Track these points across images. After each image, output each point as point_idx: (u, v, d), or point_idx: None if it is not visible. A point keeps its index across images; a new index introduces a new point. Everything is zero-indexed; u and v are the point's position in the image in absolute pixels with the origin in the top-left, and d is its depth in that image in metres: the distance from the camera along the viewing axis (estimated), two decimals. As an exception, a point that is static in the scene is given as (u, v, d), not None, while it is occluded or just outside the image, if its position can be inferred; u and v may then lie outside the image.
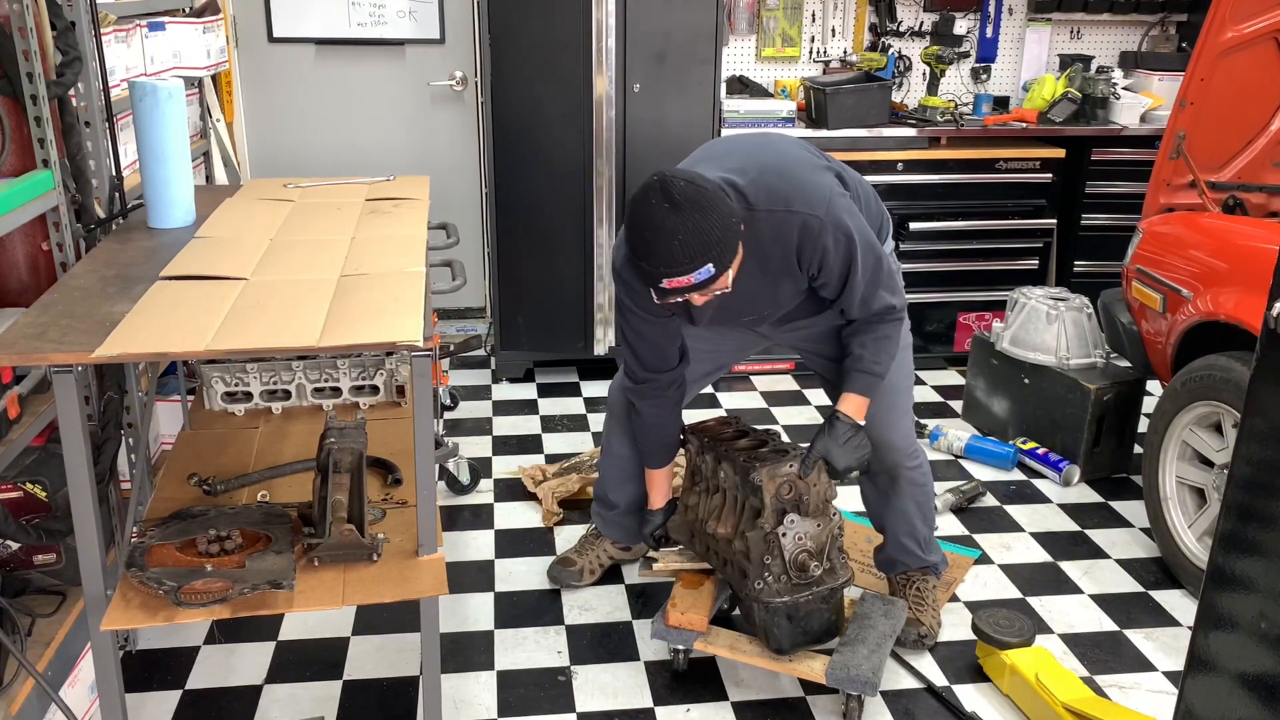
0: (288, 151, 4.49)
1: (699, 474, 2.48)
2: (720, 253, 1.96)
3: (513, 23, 3.72)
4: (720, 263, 1.97)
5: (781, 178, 2.15)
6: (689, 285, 1.97)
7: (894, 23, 4.50)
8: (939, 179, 4.13)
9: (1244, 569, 1.50)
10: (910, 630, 2.55)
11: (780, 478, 2.23)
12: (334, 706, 2.37)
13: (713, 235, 1.94)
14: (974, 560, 2.96)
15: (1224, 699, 1.54)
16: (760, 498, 2.23)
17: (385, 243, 2.24)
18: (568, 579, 2.80)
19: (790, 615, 2.25)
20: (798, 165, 2.21)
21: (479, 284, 4.57)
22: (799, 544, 2.22)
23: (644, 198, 1.96)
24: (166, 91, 2.29)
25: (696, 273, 1.95)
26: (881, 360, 2.29)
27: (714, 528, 2.37)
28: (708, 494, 2.45)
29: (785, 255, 2.16)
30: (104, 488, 2.19)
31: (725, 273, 2.01)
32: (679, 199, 1.92)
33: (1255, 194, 3.11)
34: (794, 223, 2.11)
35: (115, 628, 1.81)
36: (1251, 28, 2.93)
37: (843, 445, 2.25)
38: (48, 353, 1.64)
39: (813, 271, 2.19)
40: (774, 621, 2.26)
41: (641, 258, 1.98)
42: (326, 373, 2.66)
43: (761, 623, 2.29)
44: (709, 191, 1.96)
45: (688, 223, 1.92)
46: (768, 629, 2.28)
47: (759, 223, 2.10)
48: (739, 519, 2.32)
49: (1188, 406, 2.76)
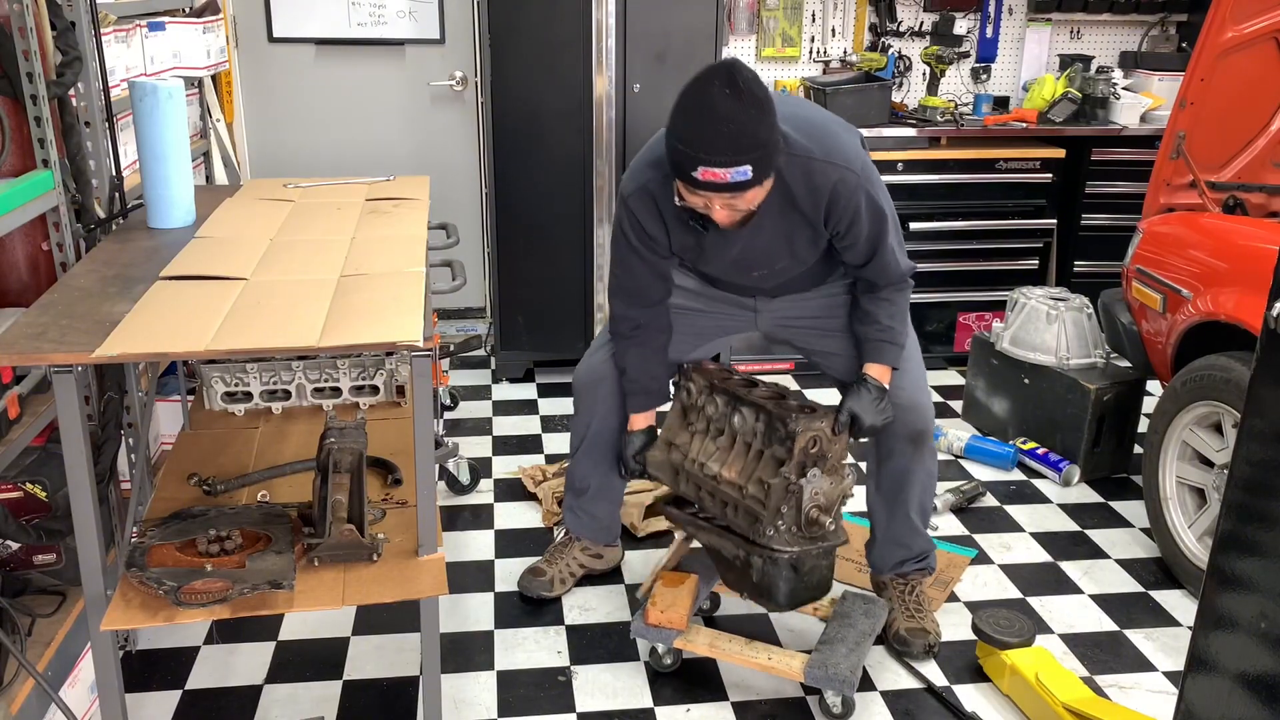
0: (288, 151, 4.49)
1: (695, 414, 2.42)
2: (763, 159, 1.92)
3: (513, 23, 3.72)
4: (759, 169, 1.92)
5: (823, 130, 2.14)
6: (723, 182, 1.91)
7: (894, 23, 4.50)
8: (939, 179, 4.13)
9: (1244, 569, 1.50)
10: (918, 641, 2.52)
11: (813, 431, 2.20)
12: (334, 706, 2.37)
13: (761, 136, 1.90)
14: (970, 560, 2.96)
15: (1224, 699, 1.54)
16: (790, 448, 2.18)
17: (385, 243, 2.24)
18: (538, 589, 2.75)
19: (796, 568, 2.21)
20: (834, 123, 2.22)
21: (479, 284, 4.57)
22: (814, 499, 2.19)
23: (707, 77, 1.90)
24: (166, 91, 2.29)
25: (735, 170, 1.89)
26: (905, 331, 2.34)
27: (716, 470, 2.31)
28: (707, 435, 2.38)
29: (814, 206, 2.13)
30: (104, 488, 2.19)
31: (759, 188, 1.97)
32: (743, 88, 1.87)
33: (1255, 194, 3.11)
34: (830, 175, 2.09)
35: (115, 628, 1.81)
36: (1251, 28, 2.93)
37: (871, 405, 2.27)
38: (48, 353, 1.64)
39: (839, 229, 2.17)
40: (779, 574, 2.20)
41: (683, 140, 1.91)
42: (326, 373, 2.66)
43: (763, 577, 2.23)
44: (770, 96, 1.92)
45: (744, 114, 1.87)
46: (771, 583, 2.22)
47: (795, 166, 2.07)
48: (753, 465, 2.27)
49: (1188, 406, 2.76)
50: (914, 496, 2.54)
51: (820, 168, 2.10)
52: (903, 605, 2.58)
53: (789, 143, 2.05)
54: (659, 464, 2.46)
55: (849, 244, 2.21)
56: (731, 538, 2.29)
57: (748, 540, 2.24)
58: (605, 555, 2.83)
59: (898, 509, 2.56)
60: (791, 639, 2.61)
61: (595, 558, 2.81)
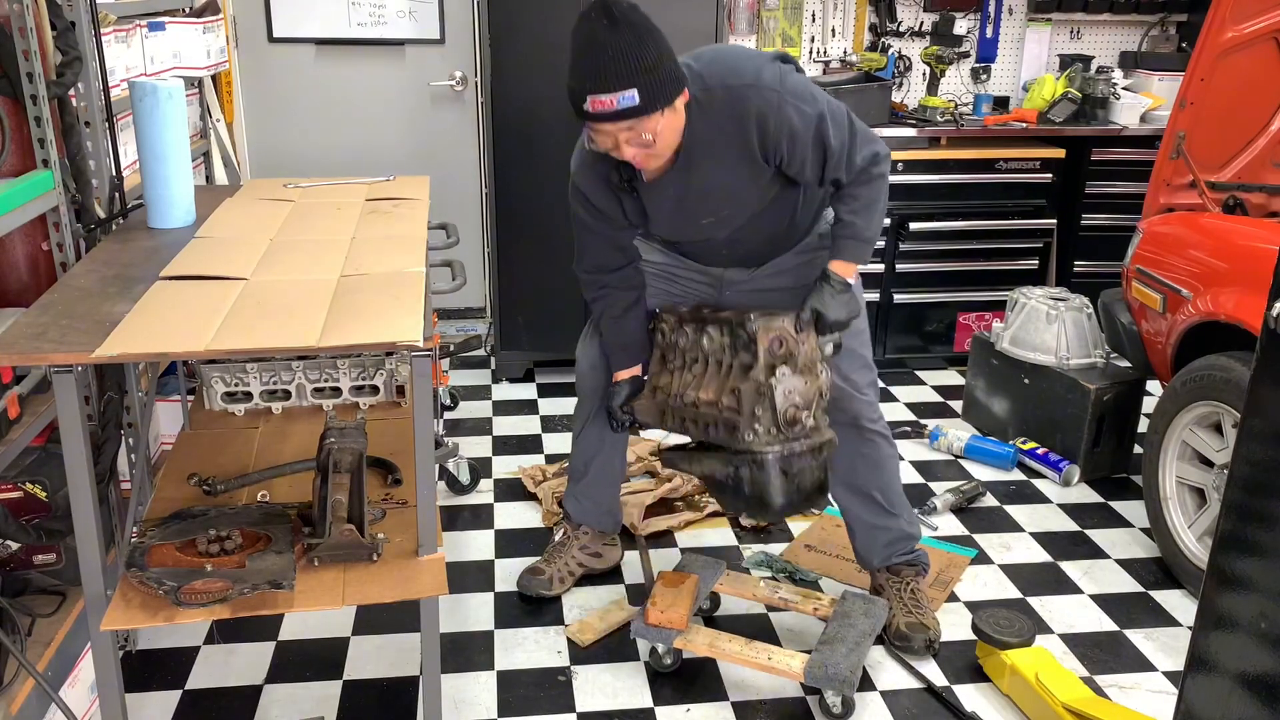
0: (288, 151, 4.49)
1: (672, 352, 2.40)
2: (650, 84, 1.94)
3: (513, 23, 3.72)
4: (647, 95, 1.94)
5: (735, 58, 2.16)
6: (611, 110, 1.94)
7: (894, 23, 4.50)
8: (939, 179, 4.13)
9: (1244, 569, 1.50)
10: (917, 636, 2.52)
11: (774, 330, 2.18)
12: (334, 706, 2.37)
13: (646, 61, 1.93)
14: (970, 559, 2.96)
15: (1224, 699, 1.54)
16: (754, 350, 2.17)
17: (385, 243, 2.24)
18: (537, 588, 2.75)
19: (785, 470, 2.16)
20: (749, 53, 2.23)
21: (479, 284, 4.57)
22: (789, 398, 2.15)
23: (585, 15, 1.96)
24: (166, 91, 2.29)
25: (621, 95, 1.93)
26: (873, 226, 2.28)
27: (694, 396, 2.28)
28: (684, 369, 2.36)
29: (744, 138, 2.13)
30: (104, 488, 2.19)
31: (656, 115, 1.98)
32: (618, 17, 1.92)
33: (1255, 194, 3.11)
34: (750, 99, 2.09)
35: (115, 628, 1.81)
36: (1251, 28, 2.94)
37: (834, 299, 2.24)
38: (48, 353, 1.64)
39: (781, 155, 2.15)
40: (767, 478, 2.15)
41: (573, 78, 1.96)
42: (326, 373, 2.66)
43: (754, 485, 2.17)
44: (653, 26, 1.96)
45: (622, 41, 1.92)
46: (762, 489, 2.16)
47: (715, 103, 2.09)
48: (725, 380, 2.24)
49: (1188, 406, 2.76)
50: (870, 482, 2.54)
51: (741, 94, 2.10)
52: (900, 602, 2.58)
53: (703, 79, 2.09)
54: (645, 409, 2.43)
55: (798, 166, 2.18)
56: (720, 456, 2.23)
57: (733, 453, 2.19)
58: (604, 554, 2.83)
59: (856, 496, 2.57)
60: (791, 639, 2.61)
61: (594, 556, 2.81)
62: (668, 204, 2.24)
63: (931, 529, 3.14)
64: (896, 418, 3.94)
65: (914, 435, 3.79)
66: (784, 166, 2.18)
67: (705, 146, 2.13)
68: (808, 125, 2.12)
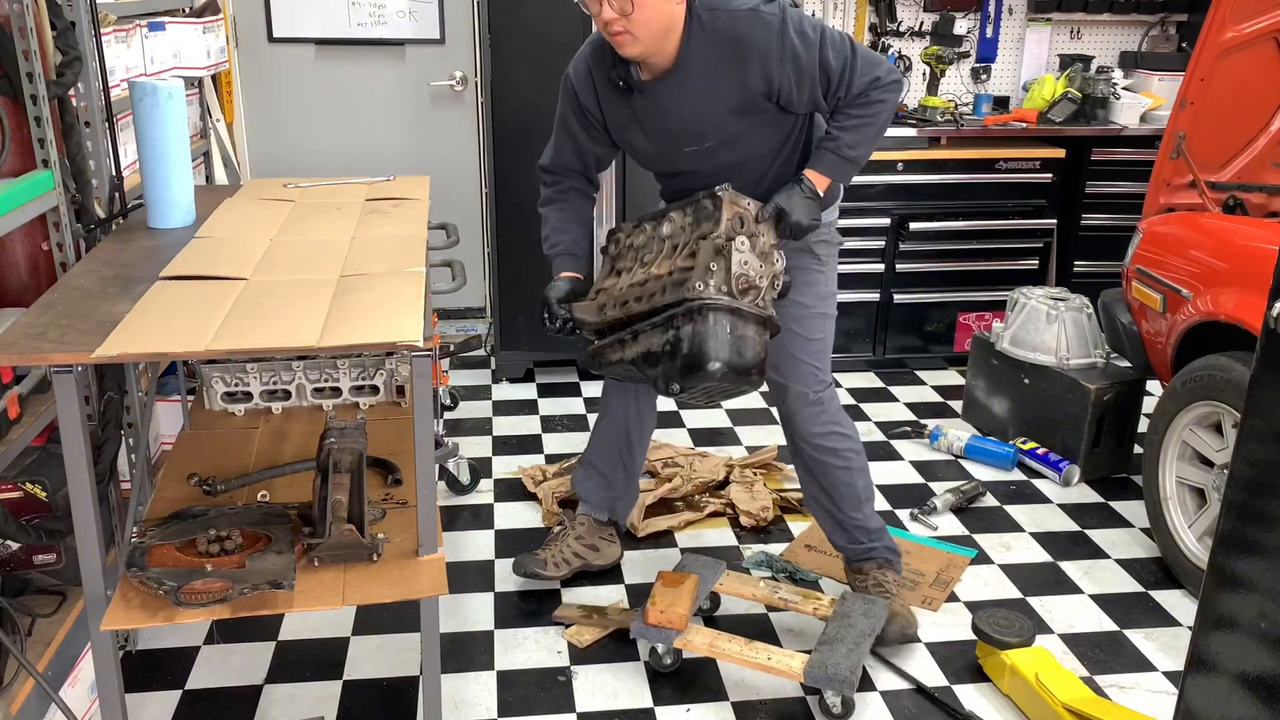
0: (288, 151, 4.49)
1: (624, 258, 2.35)
2: None
3: (513, 23, 3.73)
4: None
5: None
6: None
7: (894, 23, 4.50)
8: (939, 179, 4.13)
9: (1244, 569, 1.50)
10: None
11: (739, 207, 2.17)
12: (334, 706, 2.37)
13: None
14: (970, 560, 2.96)
15: (1224, 699, 1.54)
16: (716, 218, 2.15)
17: (385, 243, 2.24)
18: (532, 565, 2.75)
19: (730, 327, 2.09)
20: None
21: (479, 284, 4.57)
22: (744, 267, 2.12)
23: None
24: (166, 91, 2.29)
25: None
26: (859, 146, 2.28)
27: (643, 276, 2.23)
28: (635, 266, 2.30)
29: (742, 65, 2.18)
30: (104, 488, 2.19)
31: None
32: None
33: (1255, 194, 3.11)
34: (754, 22, 2.17)
35: (115, 628, 1.81)
36: (1251, 28, 2.94)
37: (799, 202, 2.25)
38: (48, 353, 1.64)
39: (781, 82, 2.19)
40: (708, 330, 2.07)
41: None
42: (326, 373, 2.66)
43: (693, 342, 2.08)
44: None
45: None
46: (701, 344, 2.07)
47: (718, 25, 2.18)
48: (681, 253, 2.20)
49: (1188, 406, 2.76)
50: (820, 473, 2.56)
51: (746, 18, 2.17)
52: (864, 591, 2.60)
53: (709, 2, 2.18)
54: (584, 309, 2.35)
55: (796, 93, 2.22)
56: (659, 327, 2.15)
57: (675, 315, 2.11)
58: (601, 550, 2.83)
59: (811, 486, 2.62)
60: (792, 639, 2.61)
61: (591, 549, 2.81)
62: (656, 119, 2.29)
63: (931, 529, 3.14)
64: (896, 417, 3.94)
65: (914, 435, 3.79)
66: (781, 97, 2.22)
67: (701, 65, 2.20)
68: (810, 50, 2.17)
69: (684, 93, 2.23)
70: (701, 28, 2.18)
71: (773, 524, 3.14)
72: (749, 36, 2.17)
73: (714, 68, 2.20)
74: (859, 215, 4.11)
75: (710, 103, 2.24)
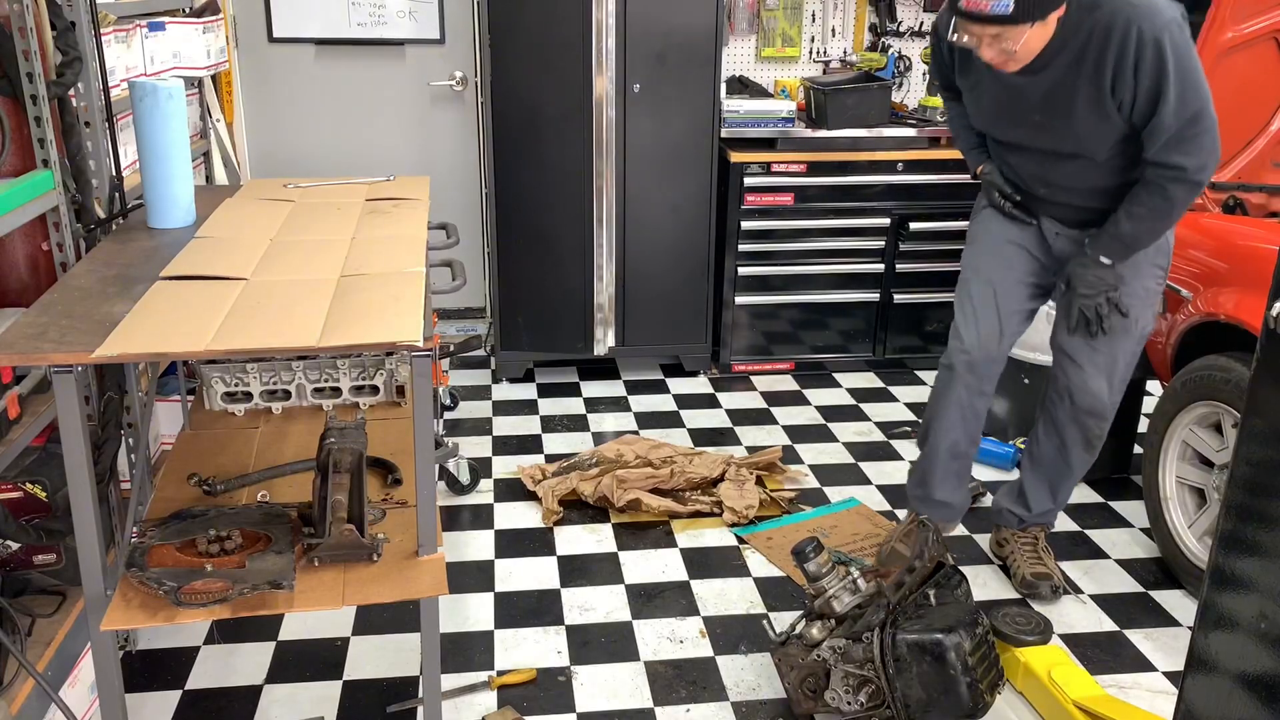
0: (288, 151, 4.49)
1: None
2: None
3: (513, 23, 3.72)
4: (1022, 6, 2.04)
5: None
6: (983, 13, 2.07)
7: (894, 23, 4.50)
8: (939, 179, 4.13)
9: (1244, 569, 1.50)
10: (1044, 584, 2.73)
11: None
12: (334, 706, 2.37)
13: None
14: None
15: (1224, 699, 1.54)
16: None
17: (385, 243, 2.24)
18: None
19: None
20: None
21: (479, 284, 4.57)
22: None
23: None
24: (166, 91, 2.29)
25: (995, 3, 2.03)
26: (1140, 236, 2.34)
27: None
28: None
29: (1100, 59, 2.17)
30: (104, 488, 2.19)
31: (1025, 28, 2.08)
32: None
33: (1255, 194, 3.11)
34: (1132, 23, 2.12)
35: (115, 628, 1.81)
36: (1251, 28, 2.93)
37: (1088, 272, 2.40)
38: (48, 353, 1.64)
39: (1124, 96, 2.18)
40: None
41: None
42: (326, 373, 2.66)
43: None
44: None
45: None
46: None
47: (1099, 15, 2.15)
48: None
49: (1188, 406, 2.76)
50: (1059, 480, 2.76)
51: (1124, 19, 2.13)
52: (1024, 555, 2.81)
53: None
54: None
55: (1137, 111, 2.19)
56: None
57: None
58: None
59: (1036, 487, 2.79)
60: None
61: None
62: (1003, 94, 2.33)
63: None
64: (896, 417, 3.94)
65: (914, 435, 3.79)
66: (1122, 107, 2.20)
67: (1060, 55, 2.19)
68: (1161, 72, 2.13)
69: (1036, 79, 2.23)
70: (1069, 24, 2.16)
71: (757, 521, 3.15)
72: (1113, 39, 2.14)
73: (1074, 60, 2.19)
74: (859, 215, 4.12)
75: (1061, 88, 2.24)
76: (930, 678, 2.12)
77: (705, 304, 4.16)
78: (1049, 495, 2.79)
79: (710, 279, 4.13)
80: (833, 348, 4.33)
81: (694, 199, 4.00)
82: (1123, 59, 2.15)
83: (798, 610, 2.66)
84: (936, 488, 2.77)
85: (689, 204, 4.01)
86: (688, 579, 2.88)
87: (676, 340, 4.22)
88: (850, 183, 4.08)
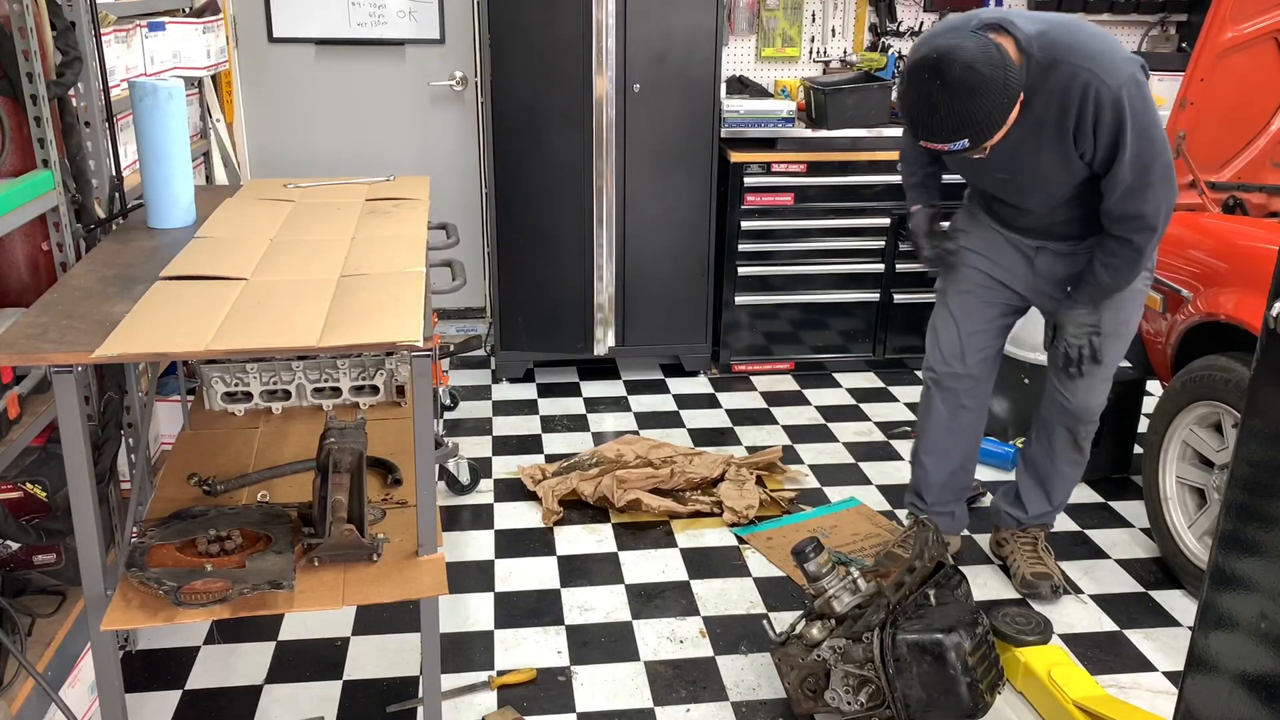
0: (288, 151, 4.49)
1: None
2: (979, 131, 2.12)
3: (513, 23, 3.72)
4: (978, 137, 2.11)
5: (1092, 38, 2.22)
6: (944, 150, 2.17)
7: (894, 23, 4.50)
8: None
9: (1244, 569, 1.50)
10: (1043, 584, 2.74)
11: None
12: (334, 706, 2.37)
13: (975, 117, 2.08)
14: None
15: (1224, 699, 1.54)
16: None
17: (385, 243, 2.24)
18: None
19: None
20: (1109, 39, 2.27)
21: (479, 284, 4.57)
22: None
23: (917, 70, 2.09)
24: (166, 91, 2.29)
25: (952, 144, 2.14)
26: (1119, 282, 2.40)
27: None
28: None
29: (1061, 118, 2.21)
30: (104, 488, 2.19)
31: (988, 140, 2.14)
32: (951, 83, 2.05)
33: (1255, 194, 3.11)
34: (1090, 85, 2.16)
35: (115, 628, 1.81)
36: (1251, 28, 2.93)
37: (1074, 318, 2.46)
38: (48, 353, 1.64)
39: (1085, 148, 2.23)
40: None
41: (906, 117, 2.19)
42: (326, 373, 2.66)
43: None
44: (985, 77, 2.06)
45: (955, 103, 2.06)
46: None
47: (1057, 76, 2.18)
48: None
49: (1188, 406, 2.76)
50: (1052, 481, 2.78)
51: (1081, 76, 2.17)
52: (1023, 555, 2.82)
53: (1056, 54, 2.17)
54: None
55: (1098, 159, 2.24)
56: None
57: None
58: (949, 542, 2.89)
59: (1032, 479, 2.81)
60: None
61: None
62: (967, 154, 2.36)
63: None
64: (896, 417, 3.94)
65: (914, 435, 3.78)
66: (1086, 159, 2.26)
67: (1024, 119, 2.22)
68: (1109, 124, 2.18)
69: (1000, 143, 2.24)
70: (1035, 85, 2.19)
71: (757, 521, 3.15)
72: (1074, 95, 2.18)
73: (1037, 117, 2.23)
74: (859, 215, 4.12)
75: (1029, 142, 2.27)
76: (930, 678, 2.12)
77: (705, 304, 4.16)
78: (1044, 497, 2.81)
79: (710, 279, 4.13)
80: (833, 348, 4.33)
81: (694, 199, 4.01)
82: (1082, 118, 2.20)
83: (798, 610, 2.66)
84: (933, 501, 2.83)
85: (689, 204, 4.01)
86: (688, 579, 2.88)
87: (676, 340, 4.22)
88: (850, 183, 4.08)
